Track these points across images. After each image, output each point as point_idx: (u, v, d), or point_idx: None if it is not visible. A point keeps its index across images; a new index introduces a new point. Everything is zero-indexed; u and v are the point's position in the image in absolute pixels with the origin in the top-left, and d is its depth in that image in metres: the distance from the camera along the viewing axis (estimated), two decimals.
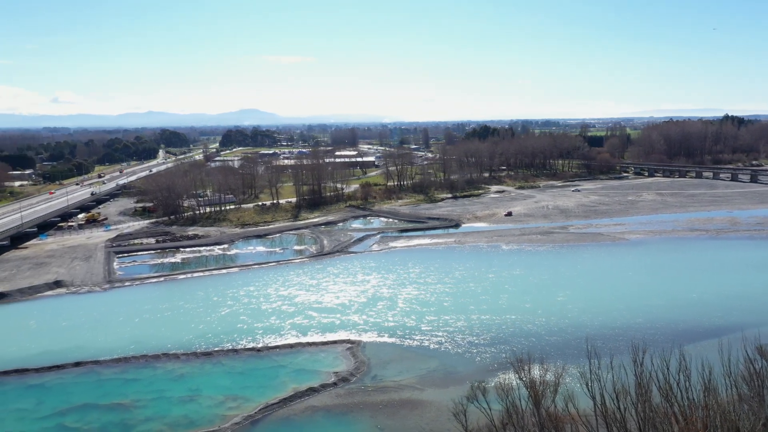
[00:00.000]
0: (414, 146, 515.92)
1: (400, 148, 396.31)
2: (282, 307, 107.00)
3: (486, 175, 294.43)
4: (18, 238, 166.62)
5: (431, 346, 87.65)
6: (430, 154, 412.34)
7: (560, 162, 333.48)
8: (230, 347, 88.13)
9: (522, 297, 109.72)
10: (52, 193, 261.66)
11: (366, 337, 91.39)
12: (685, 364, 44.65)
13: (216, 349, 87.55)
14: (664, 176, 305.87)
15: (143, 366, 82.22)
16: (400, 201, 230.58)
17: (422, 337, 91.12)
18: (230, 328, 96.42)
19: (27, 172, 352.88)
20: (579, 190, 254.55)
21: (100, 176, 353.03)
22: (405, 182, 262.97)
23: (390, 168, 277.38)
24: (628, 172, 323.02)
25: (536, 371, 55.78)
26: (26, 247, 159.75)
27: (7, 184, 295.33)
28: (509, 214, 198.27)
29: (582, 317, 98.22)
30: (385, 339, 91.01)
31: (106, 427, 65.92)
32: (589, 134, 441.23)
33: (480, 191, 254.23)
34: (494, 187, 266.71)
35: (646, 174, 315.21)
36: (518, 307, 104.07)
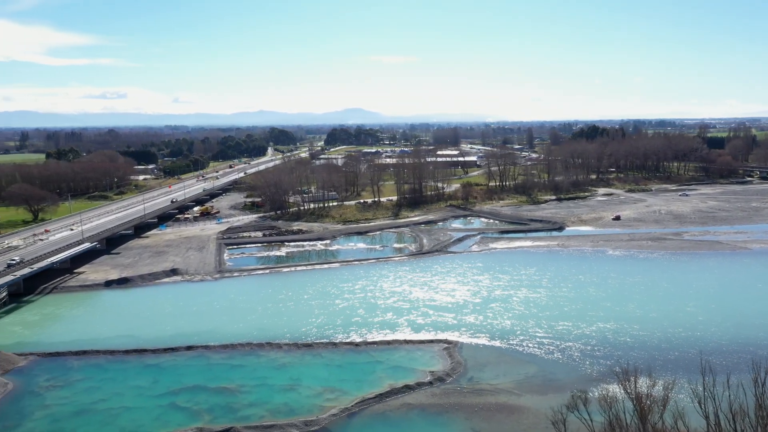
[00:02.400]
0: (517, 146, 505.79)
1: (502, 147, 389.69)
2: (396, 303, 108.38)
3: (593, 177, 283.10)
4: (140, 228, 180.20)
5: (531, 351, 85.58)
6: (534, 155, 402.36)
7: (675, 164, 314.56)
8: (329, 340, 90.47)
9: (647, 305, 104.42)
10: (171, 186, 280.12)
11: (463, 338, 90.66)
12: None
13: (316, 341, 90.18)
14: None
15: (248, 353, 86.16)
16: (501, 202, 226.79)
17: (522, 341, 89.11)
18: (346, 321, 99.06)
19: (150, 166, 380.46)
20: (687, 195, 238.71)
21: (231, 166, 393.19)
22: (507, 183, 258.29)
23: (492, 168, 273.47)
24: (752, 177, 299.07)
25: (643, 384, 53.02)
26: (147, 237, 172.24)
27: (132, 177, 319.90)
28: (617, 218, 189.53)
29: (707, 330, 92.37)
30: (483, 341, 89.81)
31: (213, 410, 69.70)
32: (709, 135, 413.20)
33: (586, 194, 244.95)
34: (601, 190, 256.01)
35: None
36: (642, 316, 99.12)
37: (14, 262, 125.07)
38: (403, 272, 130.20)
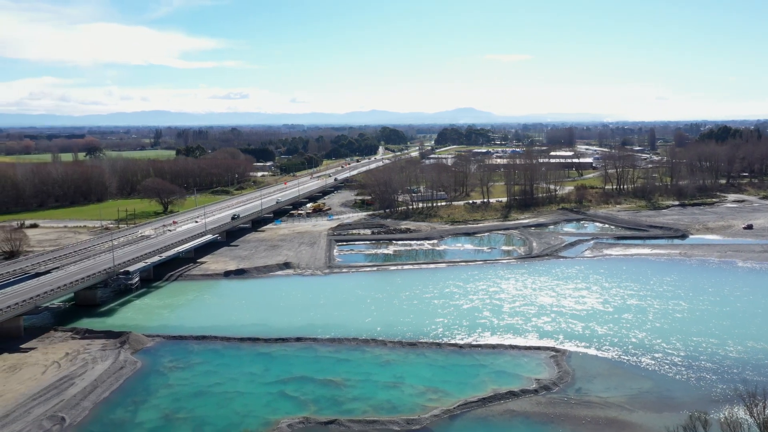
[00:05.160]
0: (637, 148, 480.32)
1: (621, 149, 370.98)
2: (522, 307, 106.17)
3: (722, 181, 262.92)
4: (257, 222, 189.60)
5: (646, 365, 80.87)
6: (655, 157, 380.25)
7: None
8: (434, 340, 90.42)
9: None
10: (286, 183, 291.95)
11: (572, 347, 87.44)
12: None
13: (421, 340, 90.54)
14: None
15: (354, 348, 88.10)
16: (618, 206, 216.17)
17: (639, 354, 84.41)
18: (473, 323, 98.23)
19: (267, 164, 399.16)
20: None
21: (358, 160, 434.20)
22: (625, 186, 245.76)
23: (609, 170, 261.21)
24: None
25: None
26: (263, 231, 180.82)
27: (251, 174, 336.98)
28: (749, 227, 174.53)
29: None
30: (594, 350, 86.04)
31: (319, 401, 71.94)
32: None
33: (713, 199, 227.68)
34: (732, 196, 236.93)
35: None
36: None
37: None
38: (521, 275, 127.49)
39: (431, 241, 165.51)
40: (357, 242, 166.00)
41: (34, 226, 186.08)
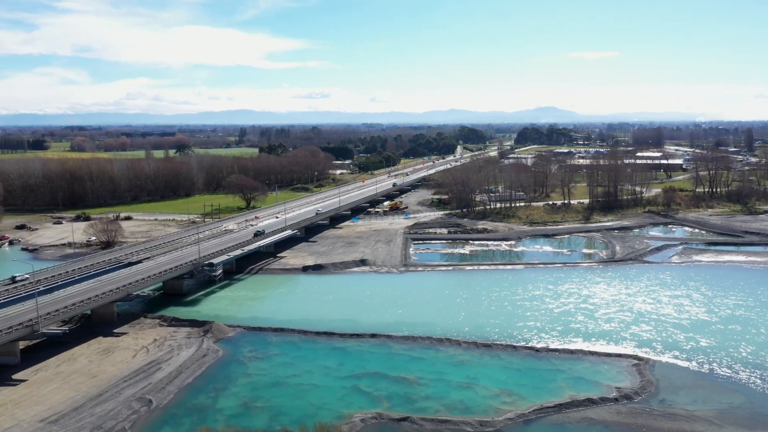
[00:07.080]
0: (733, 149, 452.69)
1: (714, 150, 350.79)
2: (617, 313, 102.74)
3: None
4: (335, 219, 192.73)
5: (740, 379, 76.26)
6: (753, 159, 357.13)
7: None
8: (509, 342, 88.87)
9: None
10: (364, 181, 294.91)
11: (663, 356, 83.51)
12: None
13: (495, 342, 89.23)
14: None
15: (428, 347, 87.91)
16: (709, 210, 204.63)
17: (736, 367, 79.81)
18: (566, 328, 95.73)
19: (346, 162, 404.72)
20: None
21: (442, 158, 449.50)
22: (718, 189, 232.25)
23: (700, 172, 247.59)
24: None
25: None
26: (341, 227, 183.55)
27: (330, 172, 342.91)
28: None
29: None
30: (680, 361, 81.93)
31: (392, 397, 72.28)
32: None
33: None
34: None
35: None
36: None
37: None
38: (611, 279, 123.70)
39: (509, 242, 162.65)
40: (433, 241, 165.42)
41: (128, 218, 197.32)
